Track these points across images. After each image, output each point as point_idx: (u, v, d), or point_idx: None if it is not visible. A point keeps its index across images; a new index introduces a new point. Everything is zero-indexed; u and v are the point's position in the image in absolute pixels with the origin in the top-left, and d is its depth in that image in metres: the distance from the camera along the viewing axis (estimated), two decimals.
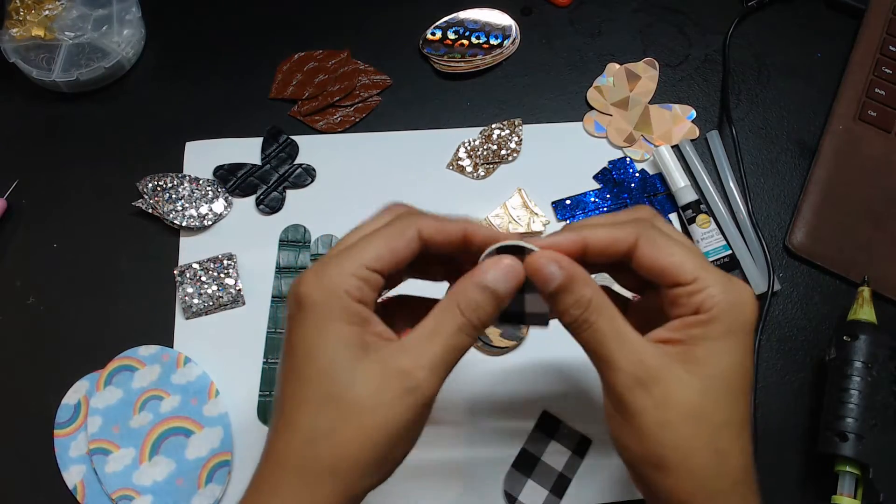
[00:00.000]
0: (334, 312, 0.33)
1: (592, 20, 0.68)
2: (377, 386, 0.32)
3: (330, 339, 0.33)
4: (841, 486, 0.48)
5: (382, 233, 0.35)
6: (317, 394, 0.33)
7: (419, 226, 0.35)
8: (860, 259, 0.57)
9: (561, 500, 0.49)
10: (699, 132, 0.63)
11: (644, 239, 0.36)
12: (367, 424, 0.32)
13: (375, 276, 0.34)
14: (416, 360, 0.33)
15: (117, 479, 0.48)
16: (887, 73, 0.64)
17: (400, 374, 0.32)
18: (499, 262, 0.34)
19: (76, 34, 0.62)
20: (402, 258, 0.35)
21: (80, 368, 0.52)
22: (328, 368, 0.33)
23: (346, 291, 0.33)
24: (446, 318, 0.34)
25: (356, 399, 0.32)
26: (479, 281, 0.34)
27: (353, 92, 0.62)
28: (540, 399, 0.52)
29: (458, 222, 0.36)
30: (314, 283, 0.33)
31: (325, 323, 0.33)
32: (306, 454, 0.32)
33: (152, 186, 0.57)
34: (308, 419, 0.33)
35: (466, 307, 0.34)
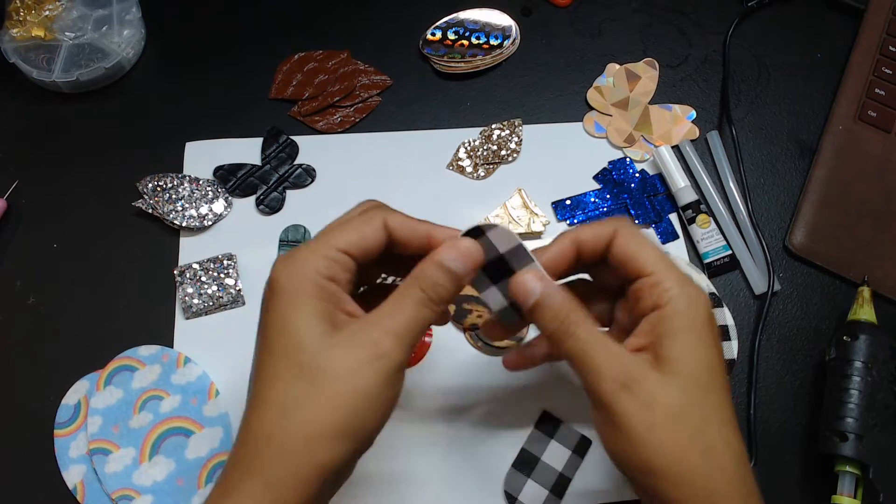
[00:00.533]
0: (305, 289, 0.35)
1: (592, 20, 0.68)
2: (347, 355, 0.34)
3: (301, 313, 0.34)
4: (841, 486, 0.48)
5: (351, 220, 0.37)
6: (289, 366, 0.34)
7: (385, 216, 0.38)
8: (860, 259, 0.57)
9: (561, 500, 0.49)
10: (699, 132, 0.63)
11: (620, 232, 0.38)
12: (338, 391, 0.33)
13: (345, 257, 0.36)
14: (383, 329, 0.35)
15: (117, 479, 0.48)
16: (887, 73, 0.64)
17: (368, 342, 0.34)
18: (457, 244, 0.37)
19: (76, 34, 0.62)
20: (370, 244, 0.37)
21: (80, 368, 0.52)
22: (299, 341, 0.34)
23: (316, 270, 0.35)
24: (408, 293, 0.36)
25: (327, 368, 0.33)
26: (437, 260, 0.36)
27: (353, 92, 0.62)
28: (540, 399, 0.52)
29: (423, 223, 0.38)
30: (284, 265, 0.35)
31: (297, 299, 0.35)
32: (279, 425, 0.33)
33: (152, 186, 0.57)
34: (280, 391, 0.34)
35: (425, 284, 0.36)
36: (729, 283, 0.57)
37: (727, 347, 0.54)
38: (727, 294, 0.57)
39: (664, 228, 0.59)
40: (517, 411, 0.52)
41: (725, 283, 0.57)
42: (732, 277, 0.58)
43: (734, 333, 0.54)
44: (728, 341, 0.54)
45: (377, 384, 0.34)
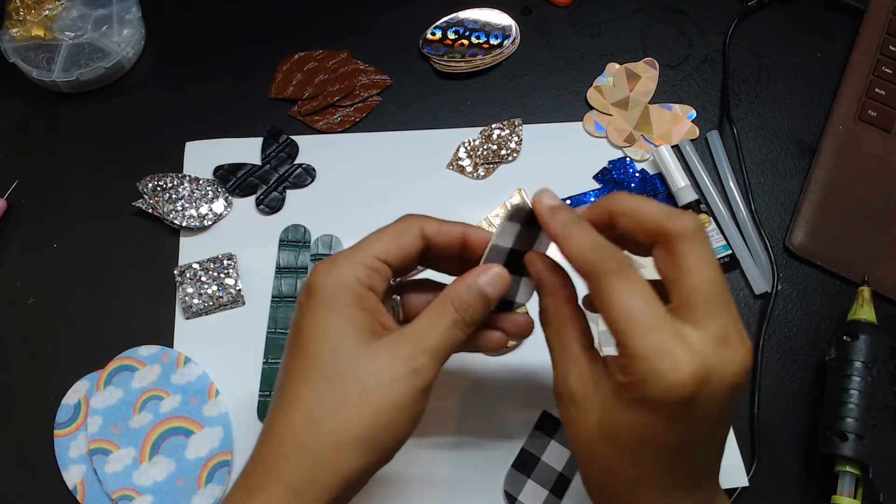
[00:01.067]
0: (345, 297, 0.35)
1: (592, 20, 0.68)
2: (383, 366, 0.34)
3: (339, 320, 0.35)
4: (841, 486, 0.48)
5: (388, 230, 0.38)
6: (324, 372, 0.34)
7: (422, 224, 0.38)
8: (860, 259, 0.57)
9: (561, 500, 0.49)
10: (699, 132, 0.63)
11: (615, 204, 0.36)
12: (370, 402, 0.33)
13: (384, 266, 0.37)
14: (417, 346, 0.35)
15: (117, 479, 0.48)
16: (887, 73, 0.64)
17: (404, 357, 0.34)
18: (489, 269, 0.38)
19: (76, 34, 0.62)
20: (408, 252, 0.38)
21: (80, 368, 0.52)
22: (337, 348, 0.34)
23: (357, 278, 0.36)
24: (442, 313, 0.36)
25: (361, 377, 0.34)
26: (470, 283, 0.37)
27: (353, 92, 0.62)
28: (540, 399, 0.52)
29: (458, 225, 0.39)
30: (325, 272, 0.36)
31: (336, 305, 0.35)
32: (308, 431, 0.33)
33: (152, 186, 0.57)
34: (313, 397, 0.34)
35: (459, 305, 0.37)
36: (729, 283, 0.57)
37: None
38: None
39: None
40: (517, 411, 0.52)
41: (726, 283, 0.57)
42: (732, 277, 0.58)
43: None
44: None
45: (409, 399, 0.34)
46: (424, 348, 0.35)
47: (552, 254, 0.41)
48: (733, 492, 0.50)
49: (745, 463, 0.51)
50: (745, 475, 0.50)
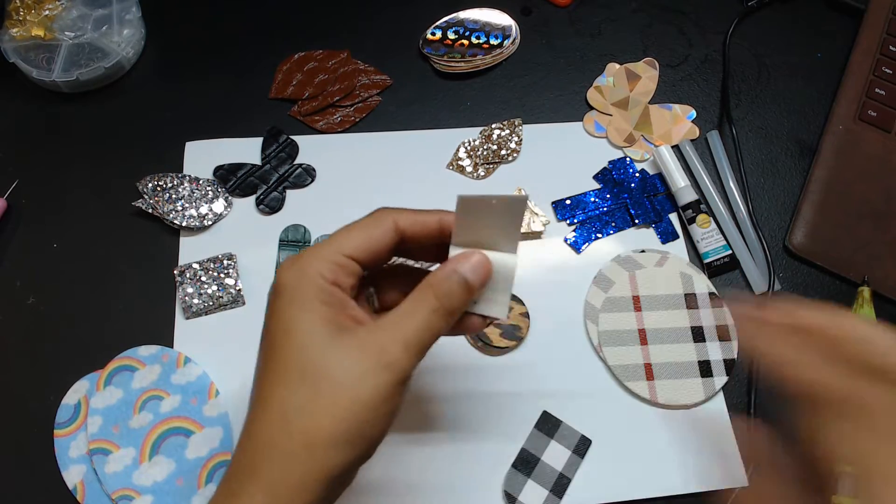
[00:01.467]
0: (309, 292, 0.34)
1: (592, 20, 0.68)
2: (352, 361, 0.33)
3: (305, 316, 0.34)
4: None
5: (359, 224, 0.37)
6: (292, 370, 0.33)
7: (395, 217, 0.37)
8: (860, 259, 0.57)
9: (561, 500, 0.49)
10: (699, 132, 0.63)
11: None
12: (341, 399, 0.33)
13: (351, 262, 0.36)
14: (392, 338, 0.34)
15: (117, 479, 0.48)
16: (887, 73, 0.64)
17: (376, 349, 0.34)
18: (470, 256, 0.36)
19: (76, 34, 0.62)
20: (379, 247, 0.36)
21: (80, 368, 0.52)
22: (303, 345, 0.34)
23: (321, 274, 0.35)
24: (422, 300, 0.35)
25: (331, 374, 0.33)
26: (452, 269, 0.36)
27: (353, 92, 0.62)
28: (540, 399, 0.52)
29: (433, 213, 0.38)
30: (290, 268, 0.35)
31: (301, 302, 0.34)
32: (280, 430, 0.33)
33: (152, 186, 0.57)
34: (282, 396, 0.33)
35: (439, 292, 0.35)
36: (729, 283, 0.57)
37: (727, 347, 0.54)
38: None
39: (664, 228, 0.59)
40: (517, 411, 0.52)
41: (725, 283, 0.57)
42: (732, 277, 0.58)
43: (734, 333, 0.54)
44: (728, 341, 0.54)
45: (381, 393, 0.33)
46: (397, 338, 0.34)
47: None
48: (733, 491, 0.50)
49: (745, 463, 0.51)
50: (745, 475, 0.50)
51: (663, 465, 0.51)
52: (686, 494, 0.50)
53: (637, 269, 0.56)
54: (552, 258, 0.57)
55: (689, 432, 0.52)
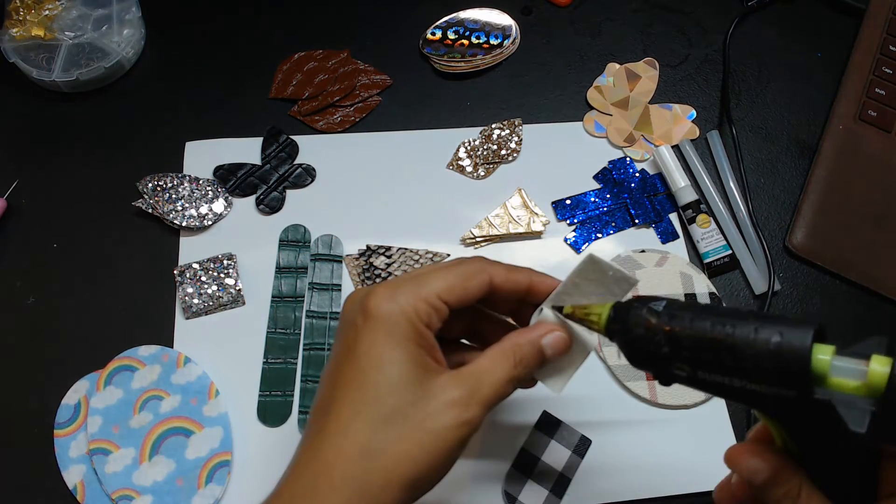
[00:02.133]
0: (406, 330, 0.34)
1: (592, 20, 0.68)
2: (438, 411, 0.34)
3: (400, 354, 0.34)
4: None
5: (456, 269, 0.37)
6: (382, 408, 0.34)
7: (491, 272, 0.38)
8: (860, 259, 0.57)
9: (561, 500, 0.49)
10: (699, 132, 0.63)
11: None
12: (424, 445, 0.33)
13: (444, 306, 0.36)
14: (473, 395, 0.35)
15: (117, 479, 0.48)
16: (887, 73, 0.64)
17: (460, 404, 0.34)
18: (554, 329, 0.38)
19: (76, 34, 0.62)
20: (471, 295, 0.37)
21: (80, 368, 0.52)
22: (396, 384, 0.34)
23: (417, 313, 0.35)
24: (501, 364, 0.36)
25: (418, 420, 0.33)
26: (535, 340, 0.37)
27: (353, 92, 0.62)
28: (540, 399, 0.52)
29: (524, 272, 0.39)
30: (387, 298, 0.35)
31: (397, 337, 0.34)
32: (360, 465, 0.33)
33: (152, 186, 0.57)
34: (365, 431, 0.33)
35: (520, 360, 0.36)
36: (729, 283, 0.57)
37: None
38: (727, 294, 0.57)
39: (664, 228, 0.59)
40: (517, 411, 0.52)
41: (725, 282, 0.57)
42: (732, 277, 0.58)
43: None
44: None
45: (456, 446, 0.34)
46: (479, 399, 0.35)
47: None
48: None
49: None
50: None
51: (663, 465, 0.51)
52: (686, 494, 0.50)
53: (637, 268, 0.56)
54: (552, 258, 0.57)
55: (688, 432, 0.52)
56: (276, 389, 0.52)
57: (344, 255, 0.56)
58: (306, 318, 0.54)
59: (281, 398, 0.52)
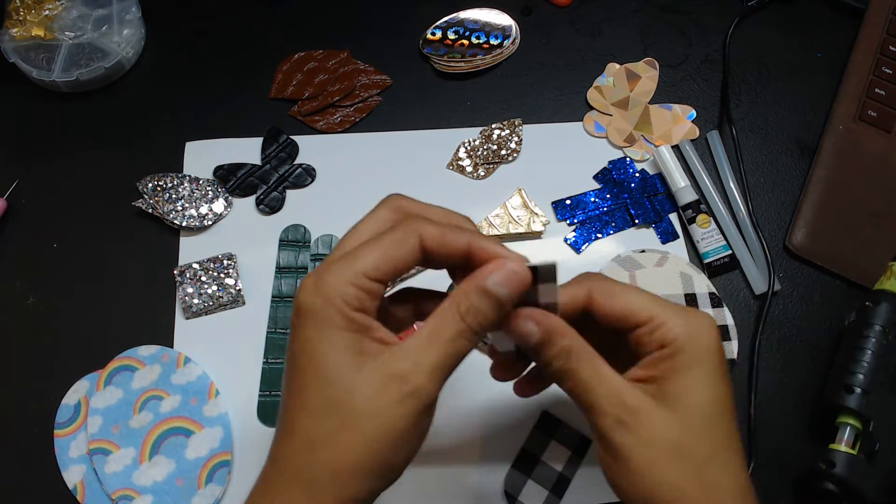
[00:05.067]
0: (333, 320, 0.33)
1: (592, 20, 0.68)
2: (376, 391, 0.32)
3: (329, 346, 0.33)
4: (840, 435, 0.49)
5: (383, 241, 0.34)
6: (317, 400, 0.33)
7: (421, 232, 0.34)
8: (860, 259, 0.57)
9: (561, 500, 0.49)
10: (699, 132, 0.63)
11: (597, 291, 0.37)
12: (366, 430, 0.32)
13: (375, 284, 0.34)
14: (415, 364, 0.33)
15: (117, 479, 0.48)
16: (887, 73, 0.64)
17: (398, 378, 0.32)
18: (502, 266, 0.33)
19: (76, 34, 0.62)
20: (401, 268, 0.34)
21: (80, 368, 0.52)
22: (328, 375, 0.33)
23: (345, 300, 0.33)
24: (446, 322, 0.33)
25: (355, 405, 0.32)
26: (480, 285, 0.33)
27: (353, 92, 0.62)
28: (540, 399, 0.52)
29: (462, 234, 0.35)
30: (312, 291, 0.33)
31: (324, 329, 0.33)
32: (306, 460, 0.33)
33: (152, 186, 0.57)
34: (308, 425, 0.33)
35: (467, 312, 0.33)
36: (729, 283, 0.57)
37: (727, 347, 0.54)
38: (727, 294, 0.57)
39: (664, 228, 0.59)
40: (517, 411, 0.52)
41: (725, 282, 0.57)
42: (732, 277, 0.58)
43: (734, 333, 0.54)
44: (728, 341, 0.54)
45: (406, 423, 0.33)
46: (422, 366, 0.33)
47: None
48: None
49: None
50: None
51: None
52: None
53: (637, 269, 0.56)
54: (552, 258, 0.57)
55: None
56: (276, 389, 0.52)
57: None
58: None
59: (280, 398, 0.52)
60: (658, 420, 0.34)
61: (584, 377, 0.35)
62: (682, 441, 0.34)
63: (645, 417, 0.34)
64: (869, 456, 0.48)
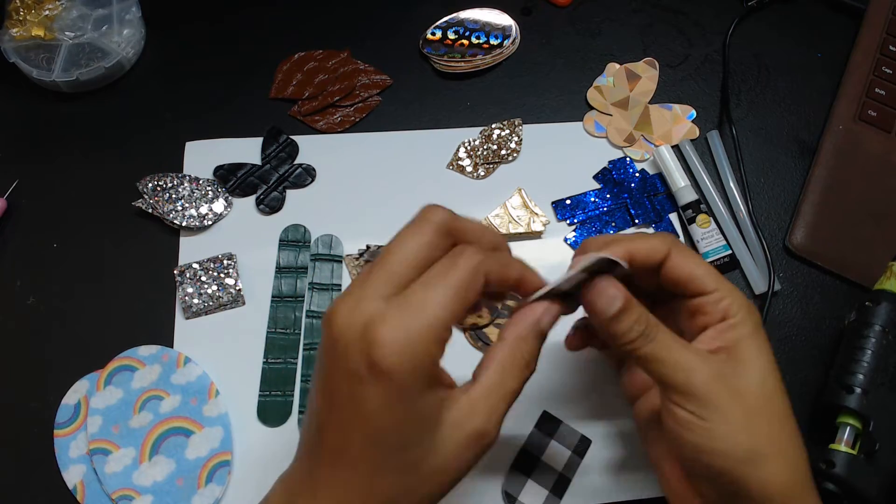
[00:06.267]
0: (422, 383, 0.32)
1: (592, 20, 0.68)
2: (457, 449, 0.33)
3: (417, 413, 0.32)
4: (840, 435, 0.49)
5: (455, 285, 0.33)
6: (399, 462, 0.33)
7: (486, 271, 0.34)
8: (860, 259, 0.57)
9: (561, 500, 0.49)
10: (699, 132, 0.63)
11: (675, 251, 0.40)
12: (445, 483, 0.34)
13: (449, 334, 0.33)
14: (488, 418, 0.34)
15: (117, 479, 0.48)
16: (887, 73, 0.64)
17: (477, 436, 0.34)
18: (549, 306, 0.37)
19: (76, 34, 0.62)
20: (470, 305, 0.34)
21: (80, 368, 0.52)
22: (413, 440, 0.32)
23: (432, 358, 0.32)
24: (511, 375, 0.35)
25: (438, 465, 0.33)
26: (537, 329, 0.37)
27: (353, 92, 0.62)
28: (540, 399, 0.52)
29: (514, 267, 0.37)
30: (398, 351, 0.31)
31: (413, 396, 0.32)
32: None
33: (152, 186, 0.57)
34: (388, 484, 0.33)
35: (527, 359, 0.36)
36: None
37: None
38: None
39: (664, 228, 0.59)
40: (517, 411, 0.52)
41: None
42: (732, 277, 0.58)
43: None
44: None
45: (473, 463, 0.34)
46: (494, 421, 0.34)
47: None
48: None
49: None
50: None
51: None
52: None
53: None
54: (552, 258, 0.57)
55: None
56: (276, 389, 0.52)
57: (344, 255, 0.56)
58: (306, 318, 0.54)
59: (281, 398, 0.52)
60: (742, 377, 0.37)
61: (667, 341, 0.37)
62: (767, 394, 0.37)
63: (732, 374, 0.37)
64: (869, 456, 0.48)
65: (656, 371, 0.37)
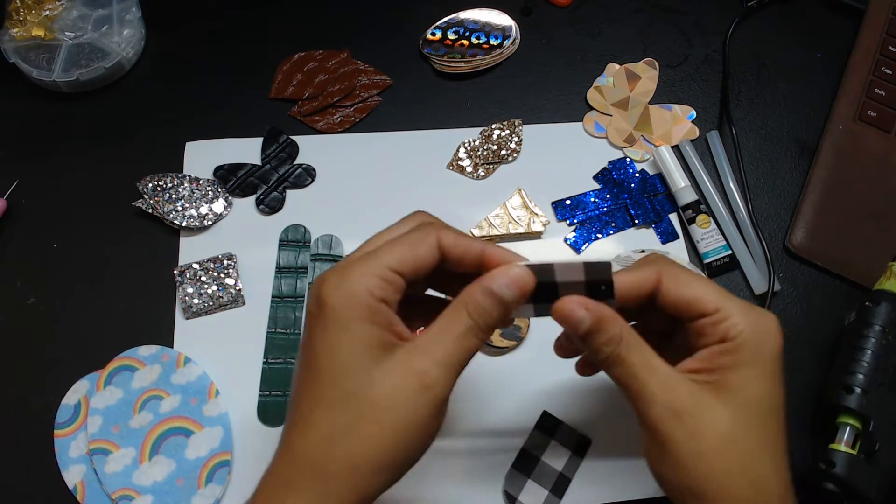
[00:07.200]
0: (357, 312, 0.34)
1: (592, 20, 0.68)
2: (395, 385, 0.33)
3: (351, 339, 0.34)
4: (840, 435, 0.49)
5: (404, 238, 0.36)
6: (336, 392, 0.33)
7: (439, 234, 0.36)
8: (860, 259, 0.57)
9: (561, 500, 0.49)
10: (699, 132, 0.63)
11: (666, 275, 0.37)
12: (384, 423, 0.33)
13: (398, 277, 0.35)
14: (429, 359, 0.34)
15: (117, 479, 0.48)
16: (887, 73, 0.64)
17: (416, 372, 0.33)
18: (507, 270, 0.35)
19: (76, 34, 0.62)
20: (422, 263, 0.35)
21: (80, 368, 0.52)
22: (349, 368, 0.33)
23: (369, 291, 0.34)
24: (455, 319, 0.35)
25: (375, 398, 0.33)
26: (486, 286, 0.35)
27: (353, 92, 0.62)
28: (540, 399, 0.52)
29: (476, 241, 0.37)
30: (337, 284, 0.34)
31: (348, 323, 0.34)
32: (324, 452, 0.33)
33: (152, 186, 0.57)
34: (326, 418, 0.33)
35: (474, 310, 0.35)
36: (729, 283, 0.57)
37: None
38: None
39: (664, 228, 0.59)
40: (517, 411, 0.52)
41: (725, 283, 0.57)
42: (732, 277, 0.58)
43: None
44: None
45: (423, 416, 0.33)
46: (437, 360, 0.34)
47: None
48: None
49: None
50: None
51: None
52: None
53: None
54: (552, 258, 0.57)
55: None
56: (276, 389, 0.52)
57: (344, 255, 0.56)
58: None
59: (281, 398, 0.52)
60: (708, 412, 0.35)
61: (635, 366, 0.35)
62: (732, 435, 0.34)
63: (695, 409, 0.35)
64: (869, 456, 0.48)
65: (624, 392, 0.36)
